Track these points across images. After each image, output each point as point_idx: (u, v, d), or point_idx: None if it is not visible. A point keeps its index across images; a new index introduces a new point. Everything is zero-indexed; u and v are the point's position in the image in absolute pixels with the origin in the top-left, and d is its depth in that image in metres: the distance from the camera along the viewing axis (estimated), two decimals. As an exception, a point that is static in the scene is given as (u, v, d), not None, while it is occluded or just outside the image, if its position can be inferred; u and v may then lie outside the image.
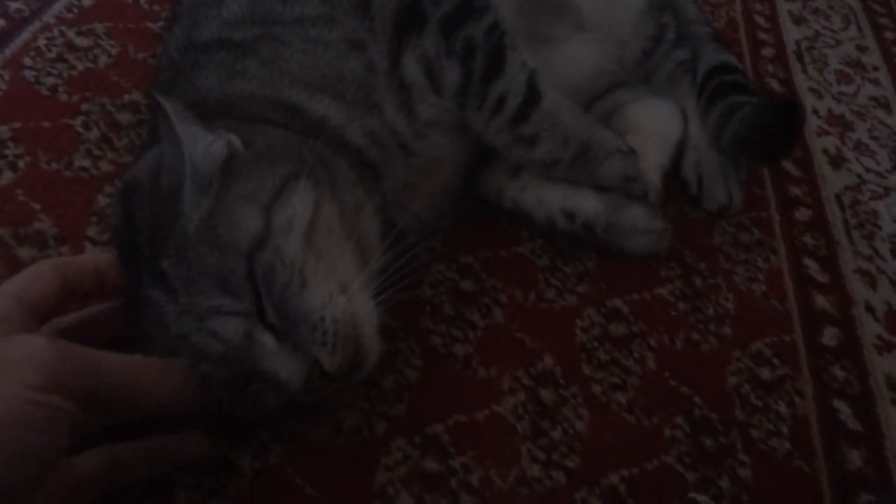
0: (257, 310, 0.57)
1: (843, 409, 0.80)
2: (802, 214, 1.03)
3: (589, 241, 0.87)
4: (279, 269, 0.57)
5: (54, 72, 0.95)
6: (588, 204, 0.85)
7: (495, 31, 0.80)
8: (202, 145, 0.60)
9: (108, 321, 0.63)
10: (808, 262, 0.96)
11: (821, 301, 0.91)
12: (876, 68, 1.36)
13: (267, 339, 0.57)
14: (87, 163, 0.85)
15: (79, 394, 0.46)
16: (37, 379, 0.44)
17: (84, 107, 0.91)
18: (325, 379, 0.59)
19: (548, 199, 0.87)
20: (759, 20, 1.42)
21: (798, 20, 1.45)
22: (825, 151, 1.14)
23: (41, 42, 0.99)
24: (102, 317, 0.63)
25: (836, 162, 1.13)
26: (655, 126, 1.00)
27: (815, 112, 1.22)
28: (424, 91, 0.78)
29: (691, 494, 0.70)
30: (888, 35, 1.46)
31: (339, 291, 0.61)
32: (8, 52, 0.96)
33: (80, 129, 0.89)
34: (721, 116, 0.97)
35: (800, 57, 1.32)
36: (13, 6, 1.03)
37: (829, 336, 0.87)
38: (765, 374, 0.82)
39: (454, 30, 0.77)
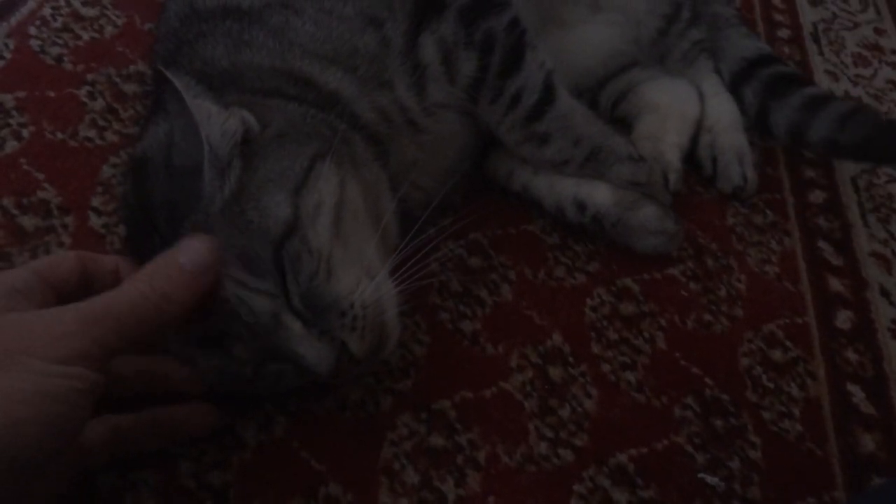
0: (284, 293, 0.56)
1: (857, 392, 0.79)
2: (817, 197, 1.01)
3: (597, 233, 0.86)
4: (306, 258, 0.56)
5: (60, 41, 0.94)
6: (600, 196, 0.83)
7: (516, 26, 0.78)
8: (217, 123, 0.58)
9: None
10: (822, 244, 0.94)
11: (835, 284, 0.90)
12: (894, 51, 1.33)
13: (294, 323, 0.56)
14: (92, 133, 0.84)
15: (102, 356, 0.46)
16: (60, 352, 0.44)
17: (89, 77, 0.90)
18: (351, 363, 0.58)
19: (560, 185, 0.85)
20: (776, 1, 1.40)
21: (815, 2, 1.42)
22: (841, 134, 1.12)
23: (47, 11, 0.97)
24: None
25: (852, 145, 1.11)
26: (673, 105, 0.98)
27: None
28: (439, 76, 0.77)
29: (700, 475, 0.69)
30: (907, 18, 1.43)
31: (367, 277, 0.61)
32: (13, 20, 0.95)
33: (86, 100, 0.88)
34: (802, 110, 0.95)
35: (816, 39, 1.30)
36: (19, -25, 1.02)
37: (843, 319, 0.86)
38: (777, 355, 0.80)
39: (474, 20, 0.76)
